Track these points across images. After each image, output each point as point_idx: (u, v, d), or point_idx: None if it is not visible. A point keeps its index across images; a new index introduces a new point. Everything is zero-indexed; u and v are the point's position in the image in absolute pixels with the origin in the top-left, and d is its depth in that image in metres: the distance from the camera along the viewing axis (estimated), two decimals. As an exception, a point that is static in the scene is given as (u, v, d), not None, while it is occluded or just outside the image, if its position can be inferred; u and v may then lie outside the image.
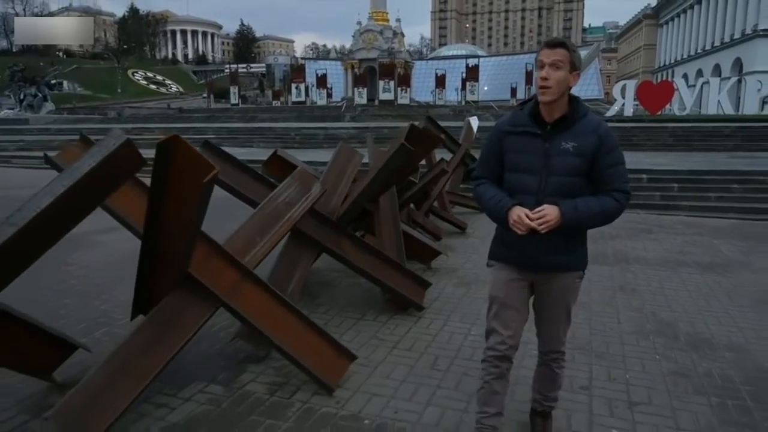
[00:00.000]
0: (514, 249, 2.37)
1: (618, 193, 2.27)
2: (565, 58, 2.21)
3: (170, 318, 2.99)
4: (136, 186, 3.28)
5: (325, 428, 2.84)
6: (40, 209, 2.46)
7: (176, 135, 2.29)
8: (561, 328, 2.52)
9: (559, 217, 2.19)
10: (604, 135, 2.27)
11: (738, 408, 3.07)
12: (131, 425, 2.84)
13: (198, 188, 2.34)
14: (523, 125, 2.33)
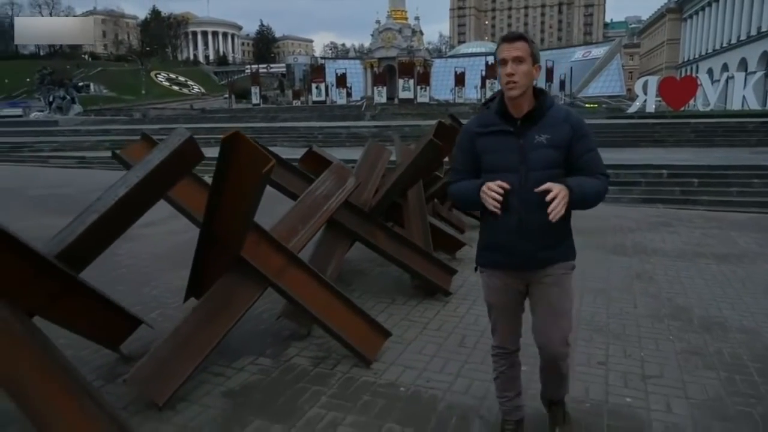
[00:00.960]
0: (503, 252, 2.34)
1: (600, 176, 2.28)
2: (525, 51, 2.19)
3: (225, 297, 3.35)
4: (194, 179, 3.64)
5: (365, 394, 3.17)
6: (118, 197, 2.83)
7: (238, 131, 2.64)
8: (561, 329, 2.40)
9: (567, 192, 2.13)
10: (576, 123, 2.27)
11: (745, 382, 3.32)
12: (194, 390, 3.20)
13: (257, 178, 2.68)
14: (493, 124, 2.30)
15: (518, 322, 2.52)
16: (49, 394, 2.37)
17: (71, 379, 2.44)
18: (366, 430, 2.80)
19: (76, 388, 2.42)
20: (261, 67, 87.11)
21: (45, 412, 2.33)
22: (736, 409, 3.00)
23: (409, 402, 3.09)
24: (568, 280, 2.40)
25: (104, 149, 20.40)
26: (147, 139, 3.75)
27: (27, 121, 40.18)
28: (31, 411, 2.32)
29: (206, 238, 3.38)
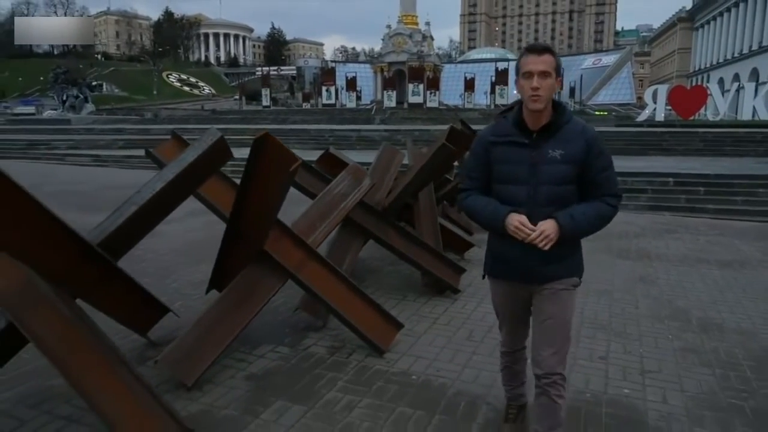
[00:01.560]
0: (510, 264, 2.35)
1: (610, 197, 2.26)
2: (551, 64, 2.17)
3: (249, 287, 3.57)
4: (221, 177, 3.87)
5: (379, 381, 3.38)
6: (155, 192, 3.06)
7: (267, 132, 2.86)
8: (558, 344, 2.35)
9: (557, 230, 2.17)
10: (592, 139, 2.23)
11: (738, 378, 3.50)
12: (219, 373, 3.42)
13: (284, 176, 2.90)
14: (508, 134, 2.28)
15: (524, 327, 2.57)
16: (93, 369, 2.60)
17: (112, 356, 2.66)
18: (380, 412, 3.01)
19: (117, 363, 2.64)
20: (271, 70, 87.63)
21: (89, 386, 2.56)
22: (728, 401, 3.19)
23: (420, 389, 3.30)
24: (569, 296, 2.36)
25: (118, 148, 20.83)
26: (177, 138, 3.99)
27: (40, 119, 40.79)
28: (77, 384, 2.55)
29: (232, 233, 3.60)
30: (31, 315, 2.64)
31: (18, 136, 25.70)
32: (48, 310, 2.68)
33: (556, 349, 2.34)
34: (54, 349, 2.60)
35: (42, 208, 2.50)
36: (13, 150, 20.74)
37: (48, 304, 2.69)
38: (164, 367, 3.23)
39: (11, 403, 3.11)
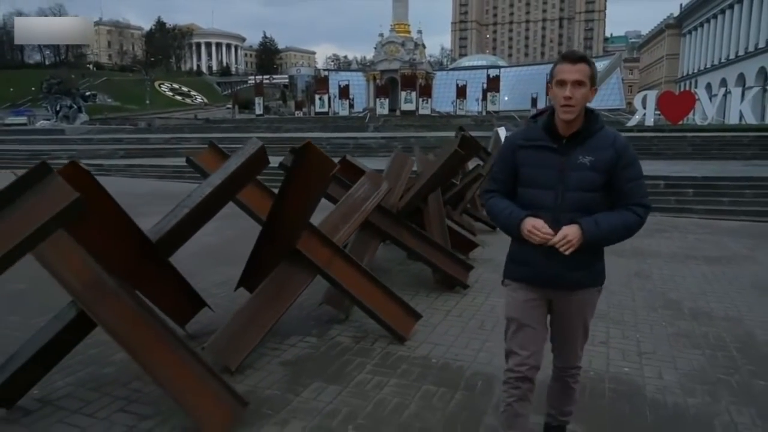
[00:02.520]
0: (532, 267, 2.31)
1: (638, 207, 2.22)
2: (586, 74, 2.16)
3: (283, 281, 3.92)
4: (257, 184, 4.23)
5: (403, 364, 3.74)
6: (203, 196, 3.43)
7: (309, 141, 3.23)
8: (578, 344, 2.46)
9: (581, 236, 2.14)
10: (622, 149, 2.22)
11: (725, 357, 3.90)
12: (257, 360, 3.77)
13: (323, 180, 3.28)
14: (538, 139, 2.28)
15: (538, 342, 2.39)
16: (156, 349, 2.94)
17: (172, 338, 3.00)
18: (408, 389, 3.37)
19: (177, 344, 2.98)
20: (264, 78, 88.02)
21: (154, 364, 2.90)
22: (716, 376, 3.58)
23: (440, 370, 3.66)
24: (593, 304, 2.43)
25: (119, 157, 21.11)
26: (214, 146, 4.34)
27: (34, 130, 40.86)
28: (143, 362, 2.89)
29: (267, 234, 3.96)
30: (100, 306, 2.99)
31: (15, 147, 25.89)
32: (114, 301, 3.02)
33: (578, 348, 2.45)
34: (121, 333, 2.94)
35: (123, 214, 2.85)
36: (16, 160, 20.93)
37: (114, 296, 3.03)
38: (210, 353, 3.57)
39: (74, 386, 3.44)
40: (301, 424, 2.98)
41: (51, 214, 2.30)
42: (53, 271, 3.03)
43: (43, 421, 3.03)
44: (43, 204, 2.31)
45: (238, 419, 2.94)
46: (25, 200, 2.30)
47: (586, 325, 2.45)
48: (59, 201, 2.32)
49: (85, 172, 2.68)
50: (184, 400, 2.87)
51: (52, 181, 2.35)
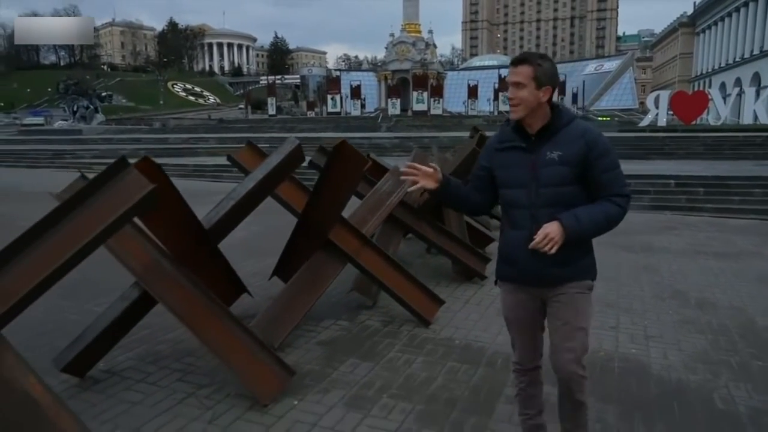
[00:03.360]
0: (516, 265, 2.31)
1: (617, 197, 2.22)
2: (526, 76, 2.18)
3: (318, 268, 4.29)
4: (292, 180, 4.60)
5: (428, 345, 4.09)
6: (247, 190, 3.80)
7: (344, 140, 3.58)
8: (575, 349, 2.29)
9: (562, 233, 2.13)
10: (592, 140, 2.22)
11: (727, 341, 4.20)
12: (295, 340, 4.14)
13: (356, 175, 3.64)
14: (509, 140, 2.32)
15: (535, 338, 2.46)
16: (212, 324, 3.31)
17: (226, 315, 3.37)
18: (435, 365, 3.72)
19: (230, 320, 3.35)
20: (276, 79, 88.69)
21: (210, 337, 3.27)
22: (718, 357, 3.89)
23: (463, 350, 4.01)
24: (584, 300, 2.32)
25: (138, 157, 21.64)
26: (251, 145, 4.71)
27: (52, 130, 41.68)
28: (201, 336, 3.26)
29: (302, 226, 4.33)
30: (160, 286, 3.38)
31: (38, 146, 26.60)
32: (172, 282, 3.40)
33: (573, 352, 2.28)
34: (181, 311, 3.32)
35: (184, 204, 3.23)
36: (41, 159, 21.63)
37: (171, 277, 3.41)
38: (257, 330, 3.93)
39: (134, 361, 3.82)
40: (341, 393, 3.35)
41: (131, 203, 2.66)
42: (117, 255, 3.42)
43: (112, 388, 3.41)
44: (123, 194, 2.66)
45: (285, 388, 3.30)
46: (107, 191, 2.64)
47: (580, 325, 2.30)
48: (137, 191, 2.68)
49: (156, 166, 3.05)
50: (239, 370, 3.24)
51: (129, 173, 2.71)
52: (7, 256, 2.33)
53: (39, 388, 2.28)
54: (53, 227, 2.44)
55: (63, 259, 2.38)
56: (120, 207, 2.62)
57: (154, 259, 3.43)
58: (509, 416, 3.02)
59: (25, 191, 14.52)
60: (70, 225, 2.42)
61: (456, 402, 3.24)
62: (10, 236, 2.31)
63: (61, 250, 2.40)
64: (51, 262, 2.36)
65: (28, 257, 2.35)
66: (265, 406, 3.17)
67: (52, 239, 2.40)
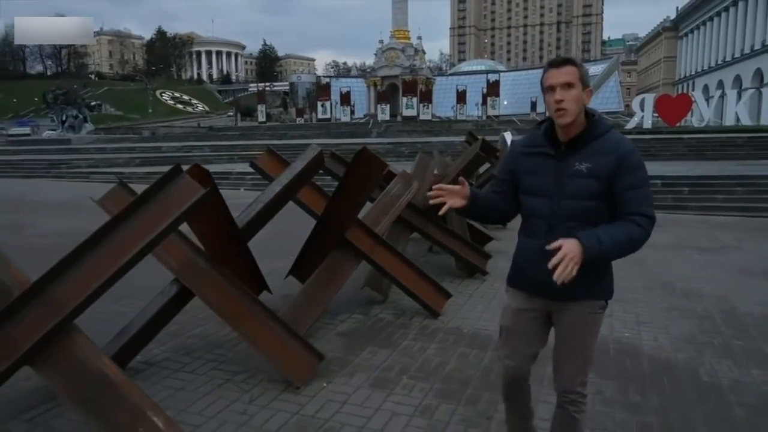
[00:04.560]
0: (527, 275, 2.22)
1: (641, 217, 2.02)
2: (575, 75, 2.07)
3: (335, 266, 4.63)
4: (311, 185, 4.94)
5: (439, 333, 4.46)
6: (275, 193, 4.14)
7: (365, 146, 3.94)
8: (577, 365, 2.22)
9: (581, 253, 1.92)
10: (625, 154, 2.06)
11: (712, 325, 4.62)
12: (316, 331, 4.49)
13: (376, 179, 4.00)
14: (537, 146, 2.22)
15: (526, 353, 2.33)
16: (245, 315, 3.64)
17: (257, 306, 3.70)
18: (447, 351, 4.09)
19: (262, 310, 3.68)
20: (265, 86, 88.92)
21: (245, 327, 3.61)
22: (702, 339, 4.29)
23: (472, 337, 4.38)
24: (594, 320, 2.22)
25: (135, 165, 21.87)
26: (271, 151, 5.03)
27: (40, 140, 41.56)
28: (235, 326, 3.60)
29: (321, 226, 4.68)
30: (196, 281, 3.71)
31: (31, 156, 26.65)
32: (207, 277, 3.73)
33: (577, 369, 2.22)
34: (217, 304, 3.65)
35: (224, 205, 3.57)
36: (37, 169, 21.75)
37: (207, 273, 3.74)
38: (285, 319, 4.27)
39: (169, 353, 4.15)
40: (365, 375, 3.70)
41: (186, 206, 3.00)
42: (156, 254, 3.75)
43: (154, 377, 3.74)
44: (179, 198, 3.00)
45: (315, 371, 3.64)
46: (164, 195, 2.98)
47: (586, 344, 2.22)
48: (191, 195, 3.02)
49: (206, 172, 3.38)
50: (273, 356, 3.58)
51: (183, 179, 3.05)
52: (79, 254, 2.65)
53: (113, 368, 2.61)
54: (117, 230, 2.74)
55: (124, 260, 2.68)
56: (175, 210, 2.95)
57: (190, 257, 3.76)
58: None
59: (30, 201, 14.76)
60: (135, 223, 2.74)
61: (469, 381, 3.60)
62: (21, 243, 2.63)
63: (126, 250, 2.71)
64: (114, 263, 2.66)
65: (93, 259, 2.65)
66: (297, 388, 3.50)
67: (116, 241, 2.71)
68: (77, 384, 2.53)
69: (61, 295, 2.54)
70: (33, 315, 2.50)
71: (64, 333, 2.56)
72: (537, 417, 2.71)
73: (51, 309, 2.52)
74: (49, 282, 2.54)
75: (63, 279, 2.56)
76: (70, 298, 2.55)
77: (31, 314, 2.50)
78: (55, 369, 2.55)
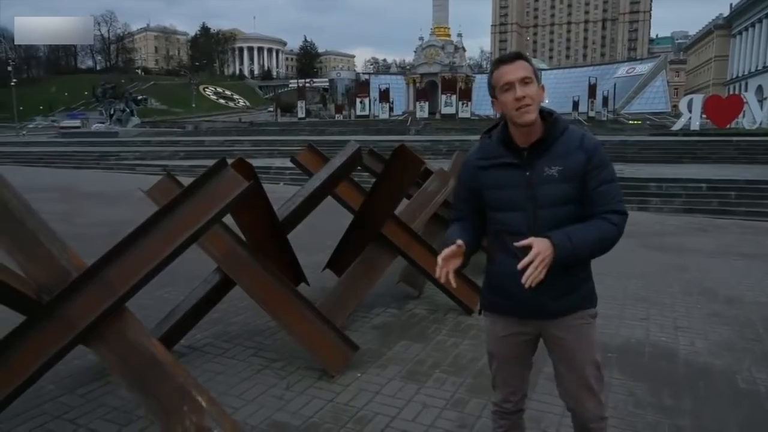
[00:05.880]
0: (511, 297, 2.00)
1: (612, 214, 1.93)
2: (530, 70, 1.92)
3: (372, 260, 4.72)
4: (349, 181, 5.05)
5: (473, 330, 4.50)
6: (314, 187, 4.26)
7: (403, 144, 4.02)
8: (596, 387, 2.06)
9: (552, 251, 1.82)
10: (591, 149, 1.95)
11: (752, 332, 4.51)
12: (352, 324, 4.59)
13: (413, 175, 4.07)
14: (495, 156, 2.00)
15: (521, 378, 2.21)
16: (284, 305, 3.77)
17: (297, 297, 3.82)
18: (480, 348, 4.12)
19: (301, 301, 3.81)
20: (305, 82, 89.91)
21: (283, 316, 3.74)
22: (742, 346, 4.20)
23: (504, 335, 4.39)
24: (589, 330, 2.07)
25: (179, 159, 22.53)
26: (312, 148, 5.17)
27: (94, 133, 43.25)
28: (275, 315, 3.73)
29: (358, 221, 4.78)
30: (237, 270, 3.85)
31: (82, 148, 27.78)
32: (248, 267, 3.87)
33: (596, 395, 2.07)
34: (257, 293, 3.79)
35: (266, 198, 3.70)
36: (88, 161, 22.70)
37: (247, 262, 3.88)
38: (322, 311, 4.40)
39: (211, 339, 4.33)
40: (397, 368, 3.78)
41: (230, 198, 3.13)
42: (200, 244, 3.91)
43: (196, 361, 3.92)
44: (223, 191, 3.14)
45: (350, 362, 3.75)
46: (209, 188, 3.11)
47: (593, 360, 2.07)
48: (234, 188, 3.15)
49: (249, 166, 3.52)
50: (310, 346, 3.70)
51: (227, 173, 3.18)
52: (131, 241, 2.81)
53: (161, 349, 2.76)
54: (165, 219, 2.89)
55: (172, 248, 2.82)
56: (220, 202, 3.07)
57: (232, 247, 3.91)
58: (550, 390, 3.40)
59: (81, 191, 15.42)
60: (182, 213, 2.88)
61: (501, 377, 3.64)
62: (74, 230, 2.79)
63: (173, 238, 2.85)
64: (163, 250, 2.81)
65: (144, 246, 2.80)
66: (332, 377, 3.62)
67: (164, 230, 2.85)
68: (128, 362, 2.69)
69: (114, 278, 2.70)
70: (88, 296, 2.67)
71: (117, 314, 2.72)
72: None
73: (105, 291, 2.69)
74: (104, 266, 2.70)
75: (116, 264, 2.72)
76: (123, 282, 2.70)
77: (86, 296, 2.67)
78: (107, 348, 2.72)
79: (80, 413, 3.17)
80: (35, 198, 3.31)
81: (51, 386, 3.42)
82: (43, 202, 11.71)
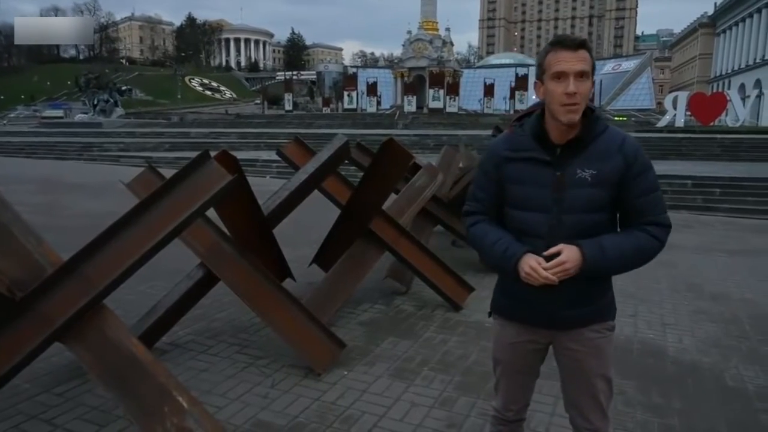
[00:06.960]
0: (524, 303, 1.89)
1: (654, 226, 1.78)
2: (590, 63, 1.73)
3: (359, 255, 4.65)
4: (336, 175, 4.97)
5: (461, 327, 4.45)
6: (300, 181, 4.18)
7: (392, 137, 3.94)
8: (600, 399, 1.95)
9: (580, 263, 1.71)
10: (632, 154, 1.77)
11: (738, 329, 4.52)
12: (338, 320, 4.52)
13: (402, 169, 4.00)
14: (527, 149, 1.83)
15: (526, 387, 2.11)
16: (269, 300, 3.69)
17: (281, 293, 3.74)
18: (468, 344, 4.09)
19: (285, 297, 3.72)
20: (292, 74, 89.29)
21: (268, 312, 3.65)
22: (728, 343, 4.21)
23: (493, 332, 4.36)
24: (605, 344, 1.93)
25: (164, 150, 22.24)
26: (298, 140, 5.07)
27: (77, 123, 42.52)
28: (259, 311, 3.65)
29: (346, 216, 4.70)
30: (221, 266, 3.76)
31: (64, 139, 27.29)
32: (232, 262, 3.77)
33: (602, 410, 1.96)
34: (241, 289, 3.70)
35: (250, 192, 3.61)
36: (69, 151, 22.30)
37: (231, 258, 3.78)
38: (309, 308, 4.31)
39: (193, 335, 4.23)
40: (385, 365, 3.72)
41: (213, 192, 3.04)
42: (183, 239, 3.80)
43: (179, 357, 3.82)
44: (205, 184, 3.04)
45: (337, 359, 3.68)
46: (191, 181, 3.01)
47: (605, 374, 1.94)
48: (217, 181, 3.06)
49: (233, 159, 3.42)
50: (296, 343, 3.62)
51: (210, 165, 3.09)
52: (110, 235, 2.71)
53: (140, 348, 2.67)
54: (146, 213, 2.79)
55: (153, 242, 2.72)
56: (203, 195, 2.97)
57: (215, 242, 3.81)
58: (539, 389, 3.35)
59: (63, 182, 15.15)
60: (164, 207, 2.78)
61: (490, 375, 3.58)
62: (54, 223, 2.69)
63: (154, 232, 2.75)
64: (144, 244, 2.70)
65: (124, 240, 2.70)
66: (318, 375, 3.54)
67: (145, 223, 2.75)
68: (106, 361, 2.59)
69: (92, 274, 2.60)
70: (65, 292, 2.57)
71: (95, 311, 2.62)
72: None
73: (82, 287, 2.58)
74: (81, 261, 2.60)
75: (94, 259, 2.62)
76: (101, 277, 2.60)
77: (63, 291, 2.56)
78: (85, 345, 2.62)
79: (58, 413, 3.07)
80: (14, 190, 3.20)
81: (27, 385, 3.31)
82: (23, 194, 11.52)
